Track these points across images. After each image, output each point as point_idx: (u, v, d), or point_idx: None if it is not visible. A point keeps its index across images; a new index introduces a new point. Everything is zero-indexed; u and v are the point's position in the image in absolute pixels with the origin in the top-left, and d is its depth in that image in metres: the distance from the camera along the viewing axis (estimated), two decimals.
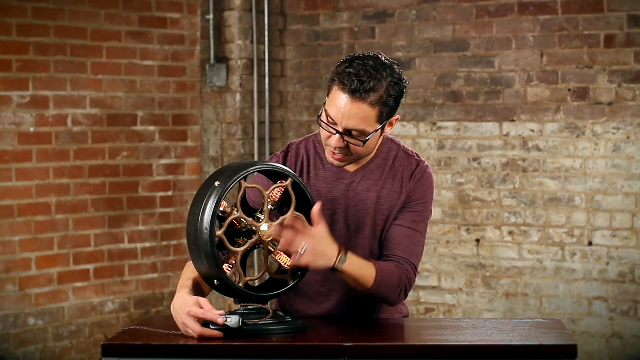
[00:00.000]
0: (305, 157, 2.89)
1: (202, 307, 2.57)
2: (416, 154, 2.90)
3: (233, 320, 2.53)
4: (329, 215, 2.83)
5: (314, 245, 2.60)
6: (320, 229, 2.62)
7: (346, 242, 2.82)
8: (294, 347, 2.51)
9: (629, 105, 5.37)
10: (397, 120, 2.80)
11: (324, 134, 2.76)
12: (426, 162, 2.89)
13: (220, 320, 2.53)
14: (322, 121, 2.73)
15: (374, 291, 2.73)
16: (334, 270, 2.65)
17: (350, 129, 2.69)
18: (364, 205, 2.83)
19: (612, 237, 5.40)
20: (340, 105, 2.67)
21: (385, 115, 2.71)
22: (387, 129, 2.79)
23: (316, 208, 2.61)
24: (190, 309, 2.56)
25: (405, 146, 2.92)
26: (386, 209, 2.83)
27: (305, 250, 2.58)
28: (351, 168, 2.86)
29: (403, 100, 2.78)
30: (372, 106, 2.67)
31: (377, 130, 2.71)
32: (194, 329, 2.55)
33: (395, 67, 2.73)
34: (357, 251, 2.79)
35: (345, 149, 2.73)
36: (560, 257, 5.53)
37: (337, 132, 2.70)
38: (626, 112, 5.37)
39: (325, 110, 2.72)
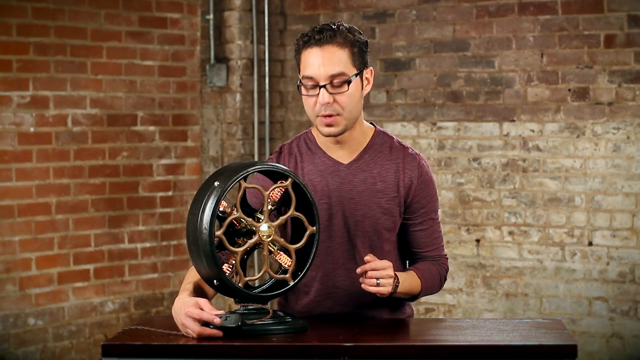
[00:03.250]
0: (298, 153, 2.91)
1: (201, 308, 2.57)
2: (410, 147, 2.95)
3: (230, 320, 2.53)
4: (326, 209, 2.84)
5: (385, 274, 2.72)
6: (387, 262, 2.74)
7: (346, 236, 2.84)
8: (294, 347, 2.51)
9: (629, 105, 5.37)
10: (371, 72, 2.85)
11: (309, 103, 2.79)
12: (420, 154, 2.94)
13: (217, 321, 2.53)
14: (303, 86, 2.77)
15: (422, 295, 2.90)
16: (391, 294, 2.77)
17: (331, 75, 2.73)
18: (361, 197, 2.84)
19: (612, 237, 5.40)
20: (313, 60, 2.74)
21: (358, 57, 2.77)
22: (367, 87, 2.85)
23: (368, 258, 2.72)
24: (188, 310, 2.57)
25: (398, 139, 2.97)
26: (384, 202, 2.85)
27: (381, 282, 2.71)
28: (345, 159, 2.87)
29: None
30: (342, 47, 2.74)
31: (356, 75, 2.75)
32: (193, 329, 2.56)
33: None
34: (358, 244, 2.83)
35: (335, 106, 2.75)
36: (560, 257, 5.53)
37: (320, 86, 2.73)
38: (626, 112, 5.37)
39: (302, 79, 2.77)
